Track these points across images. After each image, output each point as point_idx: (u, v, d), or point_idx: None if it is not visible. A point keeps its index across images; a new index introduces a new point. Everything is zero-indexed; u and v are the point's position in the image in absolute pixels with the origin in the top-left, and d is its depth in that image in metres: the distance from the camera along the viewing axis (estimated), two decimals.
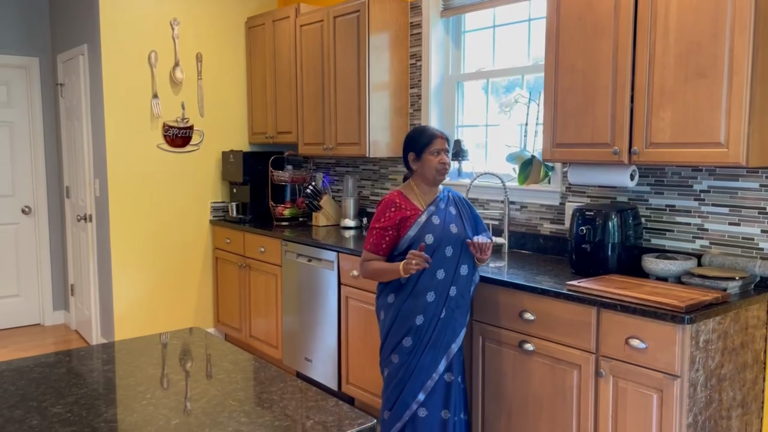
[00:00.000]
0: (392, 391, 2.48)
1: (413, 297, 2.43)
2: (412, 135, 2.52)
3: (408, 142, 2.52)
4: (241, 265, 4.34)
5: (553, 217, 3.15)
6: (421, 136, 2.49)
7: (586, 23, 2.54)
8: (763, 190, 2.40)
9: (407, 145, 2.52)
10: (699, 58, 2.21)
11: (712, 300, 2.15)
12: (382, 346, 2.54)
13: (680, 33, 2.25)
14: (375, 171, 4.23)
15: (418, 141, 2.49)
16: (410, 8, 3.86)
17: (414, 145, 2.49)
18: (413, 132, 2.53)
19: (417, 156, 2.48)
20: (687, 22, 2.23)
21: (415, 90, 3.88)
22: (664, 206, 2.70)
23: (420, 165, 2.48)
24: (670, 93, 2.29)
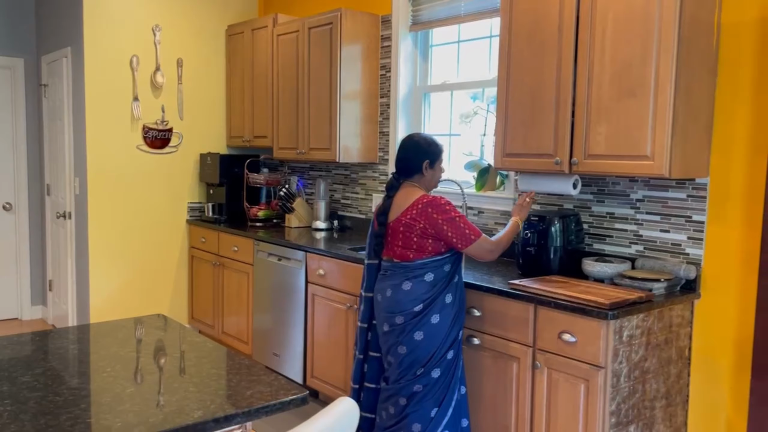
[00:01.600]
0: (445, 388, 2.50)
1: (463, 292, 2.59)
2: (431, 142, 2.59)
3: (426, 148, 2.57)
4: (215, 264, 4.51)
5: (507, 222, 3.34)
6: (438, 147, 2.60)
7: (534, 41, 2.75)
8: (689, 200, 2.61)
9: (426, 151, 2.56)
10: (630, 78, 2.42)
11: (636, 299, 2.35)
12: (434, 350, 2.46)
13: (614, 54, 2.46)
14: (346, 176, 4.41)
15: (437, 150, 2.60)
16: (381, 22, 4.06)
17: (433, 154, 2.58)
18: (430, 140, 2.59)
19: (431, 164, 2.57)
20: (620, 44, 2.44)
21: (384, 99, 4.08)
22: (605, 213, 2.91)
23: (432, 173, 2.60)
24: (605, 109, 2.50)
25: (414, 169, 2.58)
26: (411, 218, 2.46)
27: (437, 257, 2.48)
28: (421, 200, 2.47)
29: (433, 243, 2.46)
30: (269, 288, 3.98)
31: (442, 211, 2.43)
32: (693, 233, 2.61)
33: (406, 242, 2.49)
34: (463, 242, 2.43)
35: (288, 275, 3.81)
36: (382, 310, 2.56)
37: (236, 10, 4.97)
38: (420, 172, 2.58)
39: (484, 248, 2.46)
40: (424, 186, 2.60)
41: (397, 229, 2.51)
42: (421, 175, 2.58)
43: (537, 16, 2.73)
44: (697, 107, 2.45)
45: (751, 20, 2.41)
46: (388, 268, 2.56)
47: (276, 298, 3.92)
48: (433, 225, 2.43)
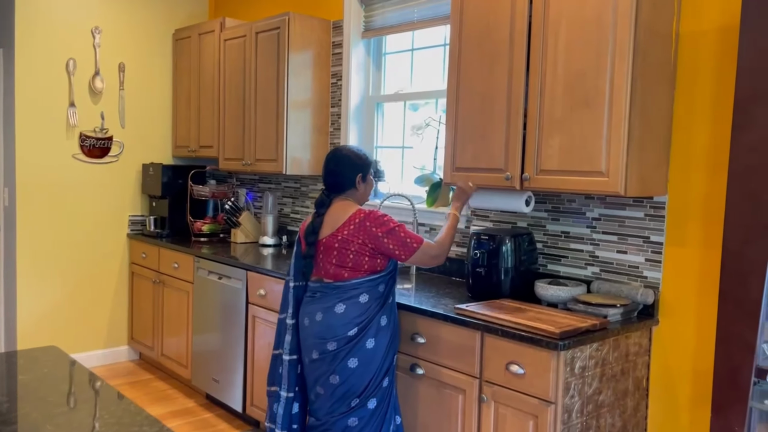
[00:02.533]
0: (381, 419, 2.32)
1: (396, 315, 2.42)
2: (361, 154, 2.45)
3: (357, 162, 2.42)
4: (155, 281, 4.23)
5: (459, 240, 3.16)
6: (369, 159, 2.48)
7: (485, 49, 2.57)
8: (647, 219, 2.45)
9: (358, 165, 2.42)
10: (583, 89, 2.25)
11: (590, 327, 2.17)
12: (370, 378, 2.28)
13: (568, 63, 2.30)
14: (296, 189, 4.19)
15: (368, 163, 2.47)
16: (332, 28, 3.86)
17: (365, 166, 2.45)
18: (360, 153, 2.46)
19: (364, 177, 2.44)
20: (573, 53, 2.28)
21: (335, 109, 3.87)
22: (560, 232, 2.74)
23: (365, 186, 2.46)
24: (558, 121, 2.33)
25: (346, 184, 2.42)
26: (348, 234, 2.28)
27: (373, 276, 2.30)
28: (357, 215, 2.30)
29: (370, 260, 2.29)
30: (209, 308, 3.72)
31: (380, 223, 2.28)
32: (651, 255, 2.44)
33: (341, 260, 2.29)
34: (406, 252, 2.28)
35: (228, 295, 3.56)
36: (310, 336, 2.34)
37: (186, 13, 4.73)
38: (353, 186, 2.43)
39: (429, 254, 2.33)
40: (356, 200, 2.45)
41: (332, 246, 2.31)
42: (355, 190, 2.43)
43: (488, 24, 2.56)
44: (655, 121, 2.29)
45: (711, 30, 2.26)
46: (318, 289, 2.35)
47: (216, 320, 3.66)
48: (372, 239, 2.27)
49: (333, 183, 2.42)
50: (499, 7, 2.51)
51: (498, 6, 2.52)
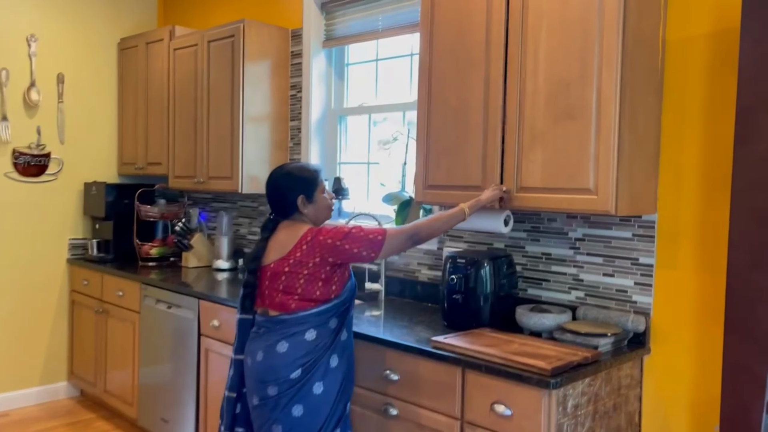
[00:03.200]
0: None
1: (351, 354, 2.14)
2: (299, 174, 2.12)
3: (295, 183, 2.10)
4: (98, 311, 3.87)
5: (432, 263, 2.93)
6: (311, 175, 2.14)
7: (459, 57, 2.37)
8: (635, 239, 2.27)
9: (295, 186, 2.10)
10: (568, 98, 2.07)
11: (582, 360, 1.97)
12: (318, 429, 2.01)
13: (550, 71, 2.11)
14: (253, 208, 3.91)
15: (308, 180, 2.12)
16: (291, 36, 3.62)
17: (306, 186, 2.11)
18: (299, 171, 2.13)
19: (309, 198, 2.12)
20: (556, 60, 2.09)
21: (295, 123, 3.63)
22: (540, 254, 2.54)
23: (313, 208, 2.13)
24: (540, 134, 2.14)
25: (289, 208, 2.13)
26: (302, 255, 2.01)
27: (323, 308, 2.02)
28: (308, 234, 2.04)
29: (324, 287, 2.02)
30: (158, 340, 3.39)
31: (334, 233, 2.00)
32: (640, 278, 2.26)
33: (289, 285, 2.02)
34: (373, 248, 1.99)
35: (179, 326, 3.24)
36: (250, 378, 2.07)
37: (132, 21, 4.42)
38: (296, 210, 2.12)
39: (400, 239, 2.03)
40: (310, 221, 2.15)
41: (280, 272, 2.03)
42: (300, 213, 2.13)
43: (461, 29, 2.36)
44: (643, 133, 2.12)
45: (699, 35, 2.11)
46: (262, 324, 2.08)
47: (165, 353, 3.34)
48: (331, 251, 1.99)
49: (276, 208, 2.15)
50: (473, 11, 2.32)
51: (472, 10, 2.32)
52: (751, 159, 1.71)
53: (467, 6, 2.34)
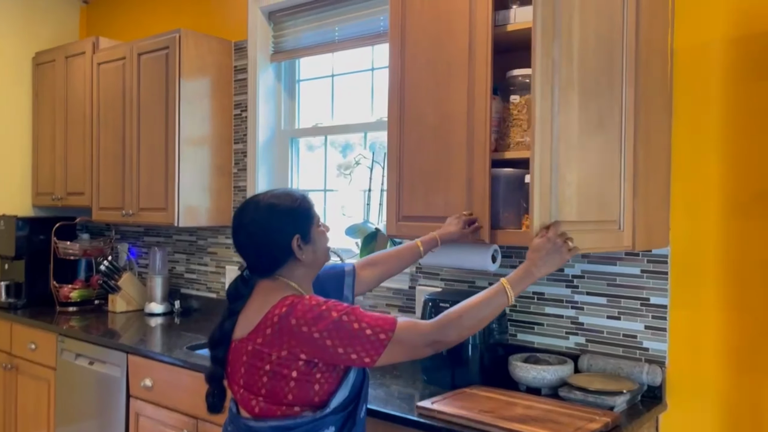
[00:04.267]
0: None
1: None
2: (285, 207, 1.51)
3: (284, 219, 1.50)
4: (6, 367, 3.29)
5: (402, 303, 2.56)
6: (306, 203, 1.55)
7: (437, 66, 2.04)
8: (645, 276, 1.97)
9: (285, 225, 1.49)
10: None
11: (602, 427, 1.63)
12: None
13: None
14: (192, 243, 3.44)
15: (301, 211, 1.53)
16: (234, 49, 3.22)
17: (298, 221, 1.51)
18: (280, 200, 1.52)
19: (305, 237, 1.52)
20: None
21: (240, 146, 3.21)
22: (532, 294, 2.21)
23: (311, 250, 1.53)
24: None
25: (277, 259, 1.51)
26: (262, 343, 1.41)
27: (302, 420, 1.41)
28: (276, 310, 1.41)
29: (298, 388, 1.41)
30: (78, 402, 2.86)
31: (313, 316, 1.38)
32: (652, 321, 1.96)
33: (250, 383, 1.44)
34: (373, 351, 1.37)
35: (103, 385, 2.73)
36: None
37: (49, 33, 3.91)
38: (291, 256, 1.51)
39: (417, 341, 1.40)
40: (309, 272, 1.57)
41: (239, 353, 1.46)
42: (296, 261, 1.52)
43: (438, 33, 2.03)
44: (656, 153, 1.83)
45: (717, 41, 1.85)
46: (231, 420, 1.55)
47: (87, 418, 2.81)
48: (305, 344, 1.38)
49: (254, 263, 1.54)
50: (453, 15, 2.00)
51: (452, 13, 2.00)
52: None
53: (446, 9, 2.02)
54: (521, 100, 1.94)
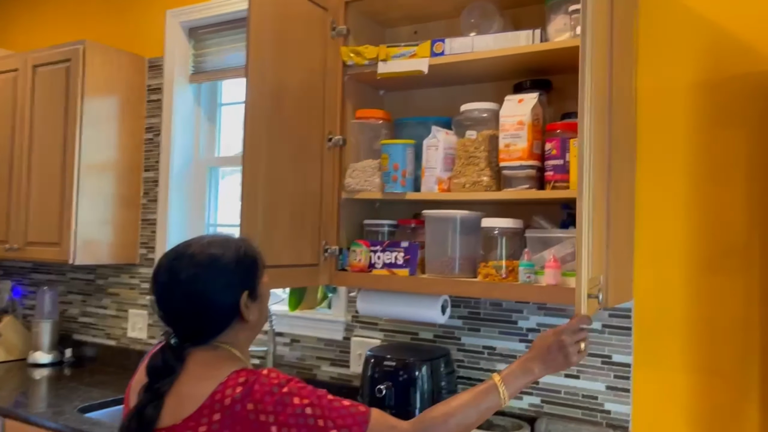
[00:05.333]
0: None
1: None
2: (233, 259, 1.24)
3: (233, 273, 1.23)
4: None
5: (335, 357, 2.30)
6: (248, 255, 1.28)
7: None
8: (606, 332, 1.83)
9: (234, 279, 1.23)
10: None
11: None
12: None
13: None
14: (90, 282, 3.02)
15: (250, 265, 1.27)
16: (148, 67, 2.89)
17: (247, 276, 1.26)
18: (229, 251, 1.24)
19: (252, 294, 1.26)
20: None
21: (151, 174, 2.86)
22: (482, 348, 2.02)
23: (258, 308, 1.28)
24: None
25: (223, 321, 1.24)
26: None
27: None
28: (224, 392, 1.12)
29: None
30: None
31: (273, 403, 1.11)
32: (614, 380, 1.81)
33: None
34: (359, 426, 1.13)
35: None
36: None
37: None
38: (236, 318, 1.24)
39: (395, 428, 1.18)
40: (250, 335, 1.30)
41: None
42: (241, 324, 1.25)
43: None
44: (623, 200, 1.70)
45: (680, 86, 1.76)
46: None
47: None
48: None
49: (191, 329, 1.23)
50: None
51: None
52: None
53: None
54: (480, 137, 1.77)
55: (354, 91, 2.03)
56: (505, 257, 1.71)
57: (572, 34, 1.68)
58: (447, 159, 1.83)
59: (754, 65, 1.66)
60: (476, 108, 1.82)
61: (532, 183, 1.70)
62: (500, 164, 1.72)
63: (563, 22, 1.72)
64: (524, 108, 1.70)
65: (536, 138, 1.71)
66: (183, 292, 1.20)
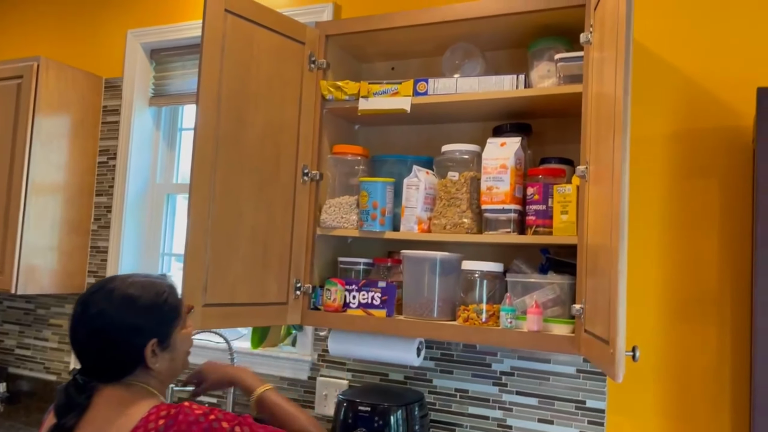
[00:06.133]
0: None
1: None
2: (149, 303, 1.22)
3: (145, 317, 1.21)
4: None
5: (299, 397, 2.22)
6: (167, 302, 1.25)
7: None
8: (581, 376, 1.83)
9: (144, 324, 1.21)
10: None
11: None
12: None
13: None
14: (29, 312, 2.83)
15: (167, 312, 1.24)
16: (105, 87, 2.77)
17: (161, 323, 1.23)
18: (148, 294, 1.22)
19: (163, 342, 1.24)
20: None
21: (104, 198, 2.72)
22: (454, 391, 1.99)
23: (168, 358, 1.26)
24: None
25: (126, 364, 1.21)
26: None
27: None
28: (147, 426, 1.12)
29: None
30: None
31: (209, 423, 1.13)
32: (588, 426, 1.81)
33: None
34: None
35: None
36: None
37: None
38: (141, 364, 1.21)
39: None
40: (164, 379, 1.27)
41: None
42: (146, 370, 1.23)
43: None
44: None
45: (656, 136, 1.81)
46: None
47: None
48: None
49: (93, 366, 1.21)
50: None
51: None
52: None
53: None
54: (461, 178, 1.76)
55: (329, 125, 1.99)
56: (485, 300, 1.70)
57: (557, 81, 1.70)
58: (427, 199, 1.81)
59: (724, 120, 1.73)
60: (458, 149, 1.81)
61: (513, 226, 1.70)
62: (482, 207, 1.72)
63: (546, 68, 1.74)
64: (507, 151, 1.71)
65: (518, 182, 1.71)
66: (88, 327, 1.19)
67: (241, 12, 1.78)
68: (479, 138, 1.96)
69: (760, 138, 1.39)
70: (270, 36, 1.85)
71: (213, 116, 1.71)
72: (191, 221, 1.66)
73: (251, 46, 1.80)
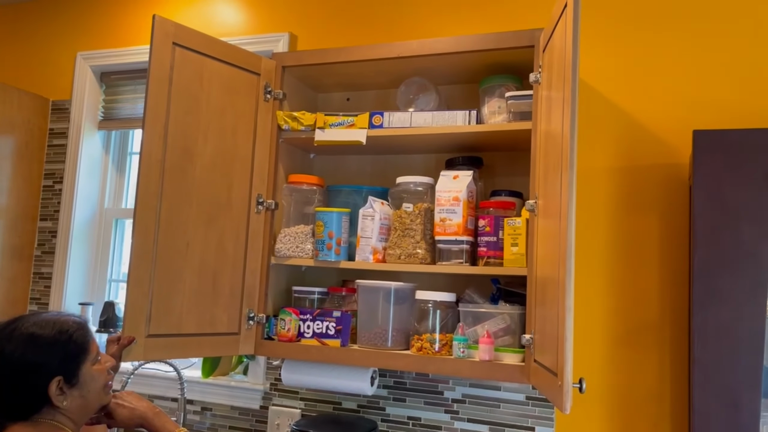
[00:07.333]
0: None
1: None
2: (51, 340, 1.24)
3: (46, 355, 1.23)
4: None
5: (250, 426, 2.19)
6: (73, 338, 1.27)
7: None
8: (530, 403, 1.88)
9: (46, 362, 1.23)
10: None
11: None
12: None
13: None
14: None
15: (71, 349, 1.26)
16: (52, 109, 2.71)
17: (65, 360, 1.25)
18: (51, 332, 1.24)
19: (70, 380, 1.26)
20: None
21: (48, 223, 2.64)
22: (406, 419, 2.00)
23: (79, 395, 1.27)
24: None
25: (32, 403, 1.23)
26: None
27: None
28: None
29: None
30: None
31: None
32: None
33: None
34: None
35: None
36: None
37: None
38: (48, 402, 1.23)
39: None
40: (65, 420, 1.27)
41: None
42: (54, 408, 1.25)
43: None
44: None
45: (600, 169, 1.89)
46: None
47: None
48: None
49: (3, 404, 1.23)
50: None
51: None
52: (711, 327, 1.44)
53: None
54: (416, 209, 1.80)
55: (285, 154, 2.00)
56: (438, 330, 1.73)
57: (507, 117, 1.77)
58: (382, 229, 1.84)
59: (662, 158, 1.83)
60: (412, 181, 1.85)
61: (466, 257, 1.75)
62: (435, 237, 1.76)
63: (497, 104, 1.80)
64: (460, 184, 1.76)
65: (470, 214, 1.77)
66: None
67: (190, 45, 1.79)
68: (432, 169, 2.01)
69: (696, 176, 1.48)
70: (221, 68, 1.85)
71: (159, 147, 1.71)
72: (134, 252, 1.65)
73: (201, 78, 1.81)
